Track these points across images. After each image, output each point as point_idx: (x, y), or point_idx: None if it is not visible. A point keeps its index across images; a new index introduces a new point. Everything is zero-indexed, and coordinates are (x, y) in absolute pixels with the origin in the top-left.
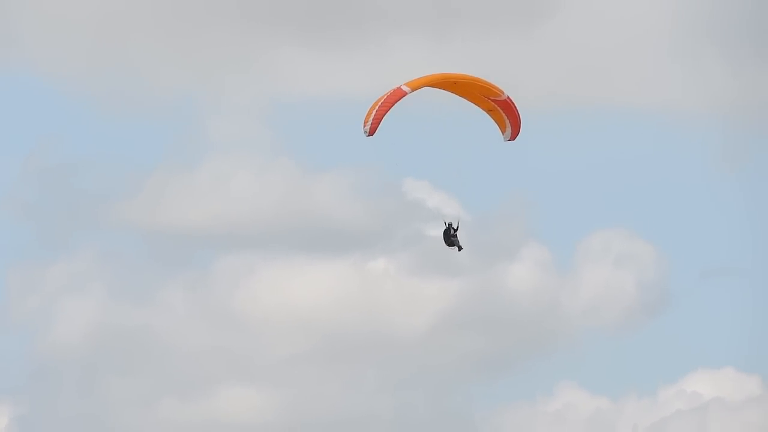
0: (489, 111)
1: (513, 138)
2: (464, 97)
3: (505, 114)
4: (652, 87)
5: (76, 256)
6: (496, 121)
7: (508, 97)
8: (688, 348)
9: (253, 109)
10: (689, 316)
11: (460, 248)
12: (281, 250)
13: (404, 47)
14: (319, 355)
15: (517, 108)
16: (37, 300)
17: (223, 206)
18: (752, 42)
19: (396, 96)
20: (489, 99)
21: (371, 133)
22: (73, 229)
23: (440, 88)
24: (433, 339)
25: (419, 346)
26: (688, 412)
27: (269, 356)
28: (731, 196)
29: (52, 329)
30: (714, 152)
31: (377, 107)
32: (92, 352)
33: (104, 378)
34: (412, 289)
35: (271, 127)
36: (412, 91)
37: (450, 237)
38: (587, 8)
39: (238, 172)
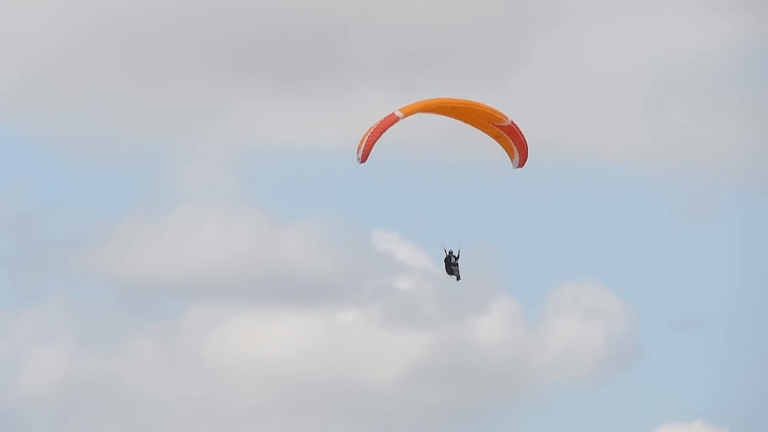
0: (497, 138)
1: (521, 165)
2: (467, 123)
3: (512, 140)
4: (622, 140)
5: (44, 305)
6: (504, 148)
7: (513, 122)
8: (657, 401)
9: (222, 159)
10: (658, 369)
11: (458, 278)
12: (251, 300)
13: (373, 98)
14: (288, 407)
15: (522, 133)
16: (4, 349)
17: (192, 256)
18: (719, 95)
19: (388, 122)
20: (494, 125)
21: (363, 160)
22: (41, 278)
23: (437, 114)
24: (402, 391)
25: (388, 398)
26: None
27: (238, 407)
28: (700, 249)
29: (20, 379)
30: (682, 205)
31: (369, 134)
32: (60, 402)
33: (72, 429)
34: (382, 341)
35: (241, 177)
36: (405, 116)
37: (450, 265)
38: (558, 59)
39: (207, 222)
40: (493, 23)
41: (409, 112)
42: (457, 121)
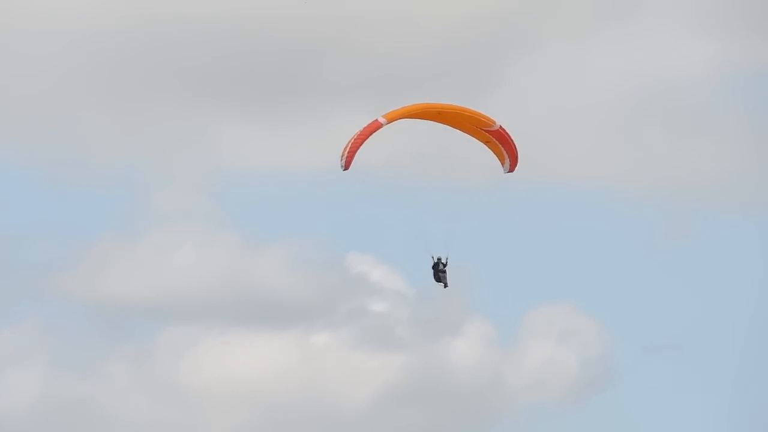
0: (486, 143)
1: (512, 170)
2: (456, 128)
3: (501, 144)
4: (597, 163)
5: (18, 327)
6: (494, 153)
7: (501, 127)
8: (631, 424)
9: (197, 182)
10: (632, 392)
11: (445, 285)
12: (225, 322)
13: (348, 122)
14: (261, 429)
15: (511, 136)
16: None
17: (167, 278)
18: (696, 119)
19: (371, 128)
20: (482, 130)
21: (346, 167)
22: (15, 300)
23: (422, 119)
24: (376, 414)
25: (362, 421)
26: None
27: (212, 429)
28: (675, 272)
29: None
30: (658, 229)
31: (352, 141)
32: (34, 424)
33: None
34: (355, 364)
35: (215, 199)
36: (389, 122)
37: (438, 272)
38: (530, 83)
39: (182, 245)
40: (469, 47)
41: (392, 118)
42: (446, 126)
